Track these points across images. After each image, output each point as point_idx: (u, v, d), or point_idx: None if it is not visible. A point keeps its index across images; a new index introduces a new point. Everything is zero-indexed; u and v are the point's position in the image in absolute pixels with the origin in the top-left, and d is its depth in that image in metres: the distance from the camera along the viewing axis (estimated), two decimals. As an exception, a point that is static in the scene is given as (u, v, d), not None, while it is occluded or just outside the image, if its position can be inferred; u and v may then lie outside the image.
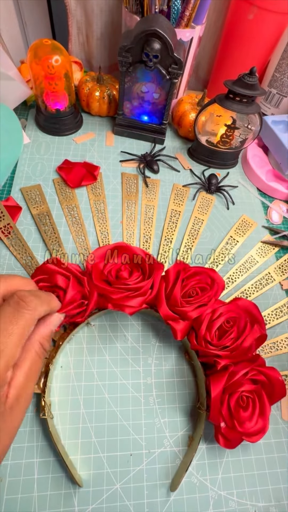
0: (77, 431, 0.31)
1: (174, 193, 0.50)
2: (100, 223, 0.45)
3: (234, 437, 0.29)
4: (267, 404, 0.30)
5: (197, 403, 0.34)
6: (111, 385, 0.34)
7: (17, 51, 0.61)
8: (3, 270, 0.39)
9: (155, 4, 0.45)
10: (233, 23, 0.54)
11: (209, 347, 0.31)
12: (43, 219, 0.43)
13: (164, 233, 0.45)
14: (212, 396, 0.29)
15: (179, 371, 0.36)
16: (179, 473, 0.30)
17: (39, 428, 0.31)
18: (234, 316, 0.33)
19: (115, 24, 0.58)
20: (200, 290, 0.34)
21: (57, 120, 0.52)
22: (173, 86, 0.47)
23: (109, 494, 0.29)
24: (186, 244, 0.45)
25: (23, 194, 0.46)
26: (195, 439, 0.31)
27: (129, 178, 0.50)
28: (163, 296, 0.33)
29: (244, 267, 0.44)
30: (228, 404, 0.29)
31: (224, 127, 0.49)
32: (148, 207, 0.48)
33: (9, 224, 0.41)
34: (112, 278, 0.32)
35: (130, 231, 0.45)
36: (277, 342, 0.39)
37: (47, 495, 0.28)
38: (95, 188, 0.48)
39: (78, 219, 0.44)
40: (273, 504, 0.31)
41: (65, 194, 0.47)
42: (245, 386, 0.30)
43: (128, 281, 0.32)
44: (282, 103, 0.59)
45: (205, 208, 0.49)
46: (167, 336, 0.38)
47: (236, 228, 0.48)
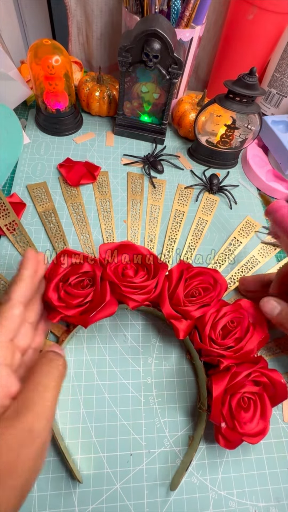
0: (77, 431, 0.31)
1: (178, 193, 0.50)
2: (105, 221, 0.45)
3: (235, 437, 0.29)
4: (269, 406, 0.30)
5: (198, 403, 0.34)
6: (111, 385, 0.34)
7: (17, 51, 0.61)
8: (5, 266, 0.39)
9: (155, 4, 0.45)
10: (233, 23, 0.55)
11: (213, 346, 0.31)
12: (49, 217, 0.44)
13: (168, 233, 0.45)
14: (213, 396, 0.29)
15: (179, 371, 0.36)
16: (179, 472, 0.30)
17: (39, 428, 0.31)
18: (238, 316, 0.33)
19: (115, 24, 0.58)
20: (203, 290, 0.34)
21: (57, 120, 0.52)
22: (173, 86, 0.47)
23: (109, 494, 0.29)
24: (190, 244, 0.45)
25: (29, 191, 0.46)
26: (196, 439, 0.31)
27: (134, 178, 0.50)
28: (166, 295, 0.33)
29: (246, 267, 0.44)
30: (229, 404, 0.29)
31: (224, 127, 0.49)
32: (154, 207, 0.48)
33: (14, 221, 0.42)
34: (118, 275, 0.33)
35: (134, 230, 0.45)
36: (279, 344, 0.39)
37: (47, 495, 0.28)
38: (101, 186, 0.48)
39: (82, 217, 0.45)
40: (273, 504, 0.31)
41: (70, 192, 0.47)
42: (247, 388, 0.30)
43: (134, 279, 0.33)
44: (282, 103, 0.59)
45: (209, 209, 0.49)
46: (167, 336, 0.38)
47: (240, 229, 0.48)
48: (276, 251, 0.46)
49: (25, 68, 0.55)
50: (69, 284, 0.31)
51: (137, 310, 0.38)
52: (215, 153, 0.53)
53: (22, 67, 0.55)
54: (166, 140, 0.57)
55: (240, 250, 0.46)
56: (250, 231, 0.48)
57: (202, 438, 0.32)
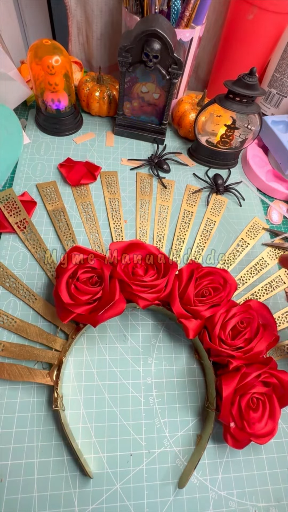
0: (77, 431, 0.31)
1: (187, 194, 0.50)
2: (114, 221, 0.45)
3: (243, 437, 0.29)
4: (277, 407, 0.30)
5: (206, 403, 0.34)
6: (111, 385, 0.34)
7: (17, 51, 0.61)
8: (18, 264, 0.39)
9: (155, 4, 0.45)
10: (233, 23, 0.54)
11: (223, 346, 0.32)
12: (58, 215, 0.44)
13: (176, 233, 0.46)
14: (223, 396, 0.29)
15: (179, 371, 0.36)
16: (187, 470, 0.30)
17: (39, 428, 0.31)
18: (247, 317, 0.33)
19: (115, 24, 0.58)
20: (213, 290, 0.34)
21: (57, 120, 0.52)
22: (173, 86, 0.47)
23: (109, 494, 0.29)
24: (198, 244, 0.45)
25: (39, 190, 0.46)
26: (204, 437, 0.31)
27: (143, 178, 0.51)
28: (176, 294, 0.34)
29: (255, 269, 0.44)
30: (238, 404, 0.29)
31: (224, 127, 0.49)
32: (163, 207, 0.48)
33: (25, 219, 0.42)
34: (128, 274, 0.33)
35: (143, 230, 0.45)
36: (287, 345, 0.39)
37: (47, 495, 0.28)
38: (111, 186, 0.49)
39: (92, 216, 0.45)
40: (273, 504, 0.31)
41: (80, 192, 0.47)
42: (257, 388, 0.30)
43: (144, 278, 0.33)
44: (282, 103, 0.59)
45: (217, 210, 0.49)
46: (167, 336, 0.38)
47: (248, 230, 0.48)
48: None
49: (25, 68, 0.55)
50: (78, 279, 0.31)
51: (137, 310, 0.38)
52: (215, 153, 0.53)
53: (22, 67, 0.55)
54: (166, 140, 0.57)
55: (248, 251, 0.46)
56: (257, 232, 0.48)
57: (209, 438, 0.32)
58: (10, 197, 0.43)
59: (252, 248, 0.46)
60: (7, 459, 0.29)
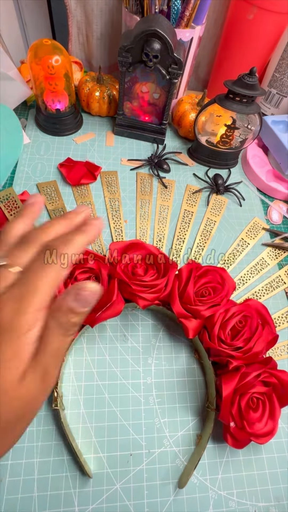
0: (77, 431, 0.31)
1: (187, 194, 0.50)
2: (114, 221, 0.45)
3: (243, 437, 0.29)
4: (277, 407, 0.30)
5: (206, 402, 0.34)
6: (111, 385, 0.34)
7: (17, 51, 0.61)
8: None
9: (155, 4, 0.45)
10: (233, 23, 0.54)
11: (222, 346, 0.32)
12: (58, 215, 0.44)
13: (176, 233, 0.46)
14: (223, 396, 0.29)
15: (179, 371, 0.36)
16: (187, 470, 0.30)
17: (39, 428, 0.31)
18: (246, 316, 0.33)
19: (115, 24, 0.58)
20: (213, 290, 0.34)
21: (57, 120, 0.52)
22: (173, 86, 0.47)
23: (109, 494, 0.29)
24: (198, 244, 0.45)
25: (39, 190, 0.46)
26: (204, 437, 0.31)
27: (143, 178, 0.51)
28: (176, 294, 0.34)
29: (255, 269, 0.44)
30: (238, 404, 0.29)
31: (224, 127, 0.49)
32: (163, 207, 0.48)
33: None
34: (128, 274, 0.33)
35: (143, 230, 0.45)
36: (287, 346, 0.39)
37: (47, 495, 0.28)
38: (111, 186, 0.49)
39: (92, 215, 0.45)
40: (273, 504, 0.31)
41: (80, 191, 0.47)
42: (257, 388, 0.30)
43: (144, 278, 0.33)
44: (282, 103, 0.59)
45: (217, 210, 0.49)
46: (167, 336, 0.38)
47: (248, 230, 0.48)
48: (285, 254, 0.46)
49: (25, 68, 0.55)
50: (75, 279, 0.31)
51: (137, 310, 0.38)
52: (215, 153, 0.53)
53: (22, 67, 0.55)
54: (166, 140, 0.57)
55: (248, 251, 0.46)
56: (257, 232, 0.48)
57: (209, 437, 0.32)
58: (10, 196, 0.43)
59: (252, 248, 0.46)
60: (7, 459, 0.29)
